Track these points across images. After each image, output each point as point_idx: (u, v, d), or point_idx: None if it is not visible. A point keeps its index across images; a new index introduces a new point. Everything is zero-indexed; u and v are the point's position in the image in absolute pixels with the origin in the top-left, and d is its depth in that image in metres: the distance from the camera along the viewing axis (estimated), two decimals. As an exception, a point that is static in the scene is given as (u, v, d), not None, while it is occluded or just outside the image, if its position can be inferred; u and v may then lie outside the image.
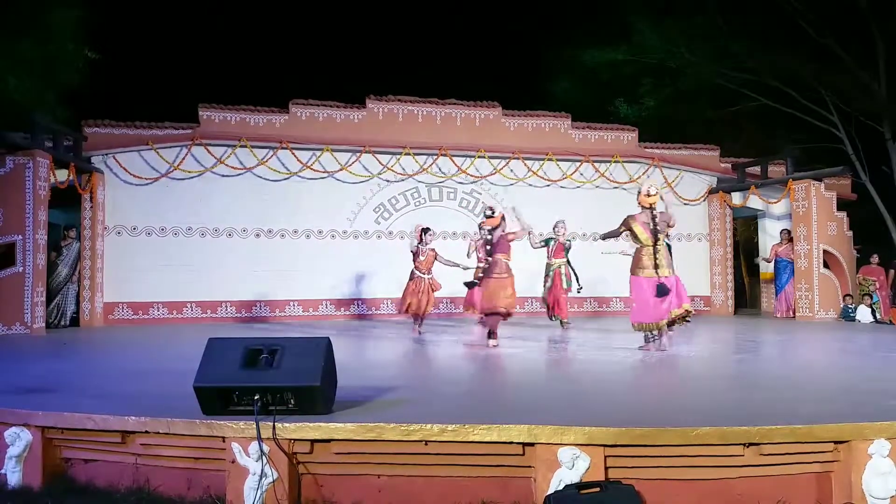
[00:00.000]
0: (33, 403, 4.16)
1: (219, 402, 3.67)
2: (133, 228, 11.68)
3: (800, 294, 12.20)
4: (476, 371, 6.31)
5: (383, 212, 12.75)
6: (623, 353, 7.13)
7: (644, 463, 3.57)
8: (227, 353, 3.75)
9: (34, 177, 9.73)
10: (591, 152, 13.43)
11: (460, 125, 13.06)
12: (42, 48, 12.50)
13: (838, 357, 7.34)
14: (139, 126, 11.78)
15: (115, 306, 11.53)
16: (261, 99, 12.61)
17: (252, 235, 12.15)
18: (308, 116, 12.42)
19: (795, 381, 5.40)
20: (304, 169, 12.20)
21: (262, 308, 12.06)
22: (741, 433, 3.52)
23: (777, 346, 8.48)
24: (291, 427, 3.58)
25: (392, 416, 3.73)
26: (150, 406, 4.00)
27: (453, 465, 3.66)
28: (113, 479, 3.90)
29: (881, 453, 3.55)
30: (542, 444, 3.51)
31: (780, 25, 14.79)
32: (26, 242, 9.68)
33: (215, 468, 3.76)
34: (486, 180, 13.02)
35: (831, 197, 12.32)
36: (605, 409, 4.26)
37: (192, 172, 11.82)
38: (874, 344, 8.20)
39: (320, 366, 3.67)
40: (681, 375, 5.97)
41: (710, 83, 16.11)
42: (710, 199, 14.03)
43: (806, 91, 15.28)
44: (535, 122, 13.45)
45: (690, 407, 4.31)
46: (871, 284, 12.31)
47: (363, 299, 12.47)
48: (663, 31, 15.65)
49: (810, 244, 12.02)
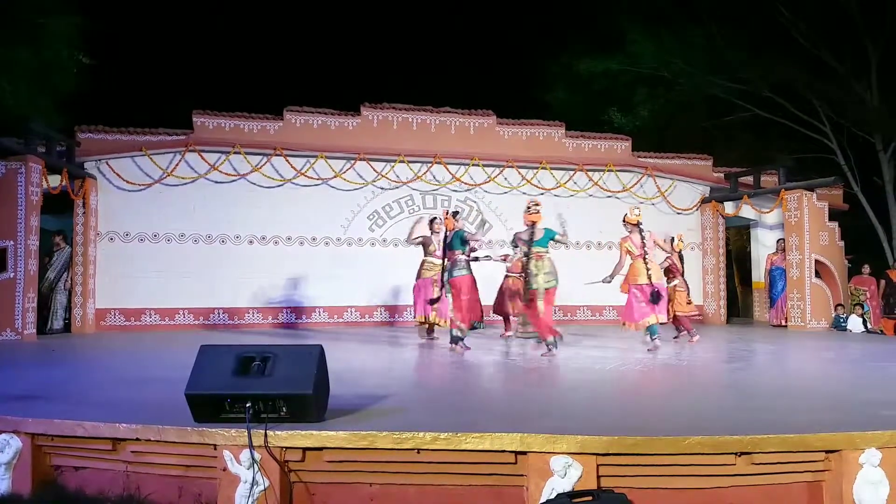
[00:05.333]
0: (23, 410, 4.14)
1: (210, 409, 3.66)
2: (126, 234, 11.65)
3: (792, 303, 12.25)
4: (468, 379, 6.31)
5: (377, 219, 12.75)
6: (615, 361, 7.14)
7: (636, 472, 3.58)
8: (219, 360, 3.74)
9: (26, 182, 9.70)
10: (585, 161, 13.48)
11: (455, 133, 13.09)
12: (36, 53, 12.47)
13: (830, 366, 7.37)
14: (133, 132, 11.76)
15: (107, 313, 11.47)
16: (255, 105, 12.60)
17: (245, 242, 12.12)
18: (302, 123, 12.43)
19: (787, 390, 5.42)
20: (298, 176, 12.20)
21: (254, 315, 12.02)
22: (733, 442, 3.53)
23: (769, 355, 8.51)
24: (283, 435, 3.57)
25: (384, 424, 3.72)
26: (142, 413, 3.99)
27: (446, 474, 3.65)
28: (103, 486, 3.88)
29: (872, 462, 3.57)
30: (535, 452, 3.51)
31: (773, 36, 14.91)
32: (17, 248, 9.64)
33: (206, 476, 3.74)
34: (480, 188, 13.04)
35: (823, 207, 12.40)
36: (598, 417, 4.26)
37: (186, 179, 11.80)
38: (865, 354, 8.23)
39: (312, 374, 3.67)
40: (673, 384, 5.98)
41: (703, 93, 16.20)
42: (703, 209, 14.09)
43: (799, 102, 15.39)
44: (530, 130, 13.50)
45: (682, 416, 4.32)
46: (863, 294, 12.37)
47: (356, 307, 12.45)
48: (658, 41, 15.74)
49: (802, 254, 12.09)
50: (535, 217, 7.59)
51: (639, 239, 8.39)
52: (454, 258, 8.08)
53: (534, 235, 7.48)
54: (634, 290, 8.30)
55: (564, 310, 12.86)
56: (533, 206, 7.69)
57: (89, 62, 13.40)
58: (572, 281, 10.35)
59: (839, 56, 14.60)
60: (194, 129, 11.98)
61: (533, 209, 7.65)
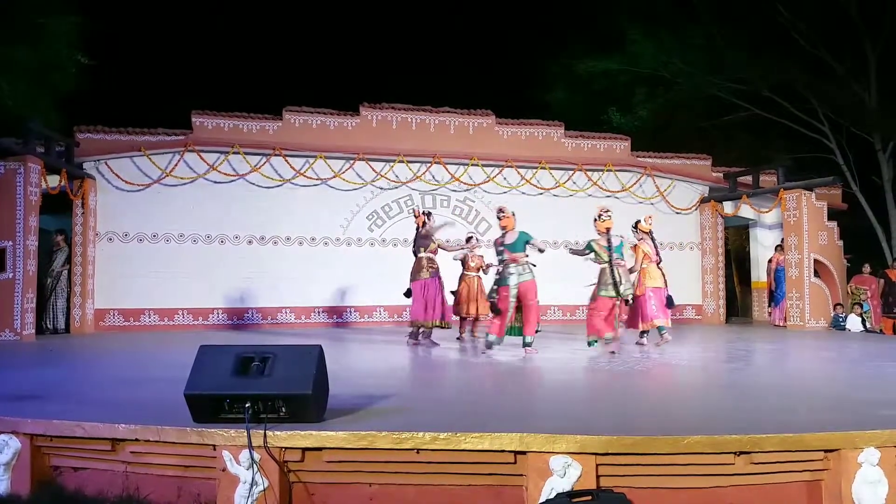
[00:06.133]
0: (22, 411, 4.13)
1: (210, 409, 3.66)
2: (125, 235, 11.64)
3: (791, 303, 12.26)
4: (468, 379, 6.30)
5: (376, 219, 12.76)
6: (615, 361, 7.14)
7: (635, 471, 3.58)
8: (219, 360, 3.73)
9: (25, 182, 9.69)
10: (584, 161, 13.49)
11: (454, 133, 13.09)
12: (36, 53, 12.47)
13: (829, 366, 7.37)
14: (132, 132, 11.75)
15: (106, 313, 11.46)
16: (254, 106, 12.61)
17: (244, 242, 12.12)
18: (301, 123, 12.43)
19: (786, 389, 5.41)
20: (297, 176, 12.20)
21: (253, 315, 12.03)
22: (732, 441, 3.53)
23: (768, 354, 8.51)
24: (283, 435, 3.57)
25: (384, 424, 3.72)
26: (141, 414, 3.98)
27: (445, 474, 3.65)
28: (102, 487, 3.87)
29: (871, 462, 3.57)
30: (534, 452, 3.51)
31: (773, 37, 14.93)
32: (16, 248, 9.64)
33: (206, 476, 3.74)
34: (479, 188, 13.05)
35: (822, 207, 12.41)
36: (597, 417, 4.26)
37: (185, 179, 11.80)
38: (864, 353, 8.23)
39: (312, 374, 3.66)
40: (672, 384, 5.98)
41: (702, 93, 16.22)
42: (702, 209, 14.09)
43: (798, 102, 15.41)
44: (529, 130, 13.50)
45: (682, 415, 4.32)
46: (864, 293, 12.37)
47: (356, 307, 12.45)
48: (657, 41, 15.76)
49: (801, 253, 12.09)
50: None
51: (651, 245, 8.90)
52: (519, 260, 7.64)
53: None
54: (650, 292, 8.71)
55: (567, 309, 12.86)
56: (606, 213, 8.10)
57: (88, 62, 13.40)
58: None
59: (838, 56, 14.62)
60: (193, 129, 11.98)
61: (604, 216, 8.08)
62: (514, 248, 7.61)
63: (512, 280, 7.55)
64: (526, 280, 7.58)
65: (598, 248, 7.96)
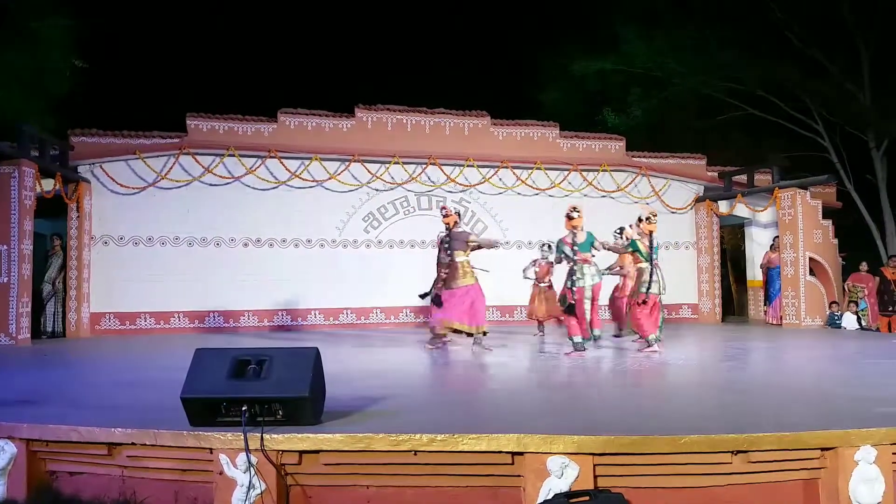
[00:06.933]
0: (18, 415, 4.12)
1: (206, 413, 3.65)
2: (120, 238, 11.61)
3: (786, 301, 12.29)
4: (465, 380, 6.30)
5: (372, 220, 12.74)
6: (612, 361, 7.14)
7: (633, 471, 3.58)
8: (215, 363, 3.72)
9: (20, 186, 9.67)
10: (579, 161, 13.50)
11: (449, 134, 13.09)
12: (30, 57, 12.44)
13: (825, 364, 7.39)
14: (126, 135, 11.71)
15: (101, 316, 11.43)
16: (249, 108, 12.58)
17: (240, 245, 12.09)
18: (297, 125, 12.41)
19: (783, 388, 5.42)
20: (292, 178, 12.18)
21: (250, 318, 12.00)
22: (729, 441, 3.53)
23: (764, 353, 8.52)
24: (280, 438, 3.57)
25: (381, 426, 3.72)
26: (137, 418, 3.97)
27: (443, 475, 3.65)
28: (99, 491, 3.86)
29: (867, 460, 3.58)
30: (532, 453, 3.51)
31: (766, 36, 14.99)
32: (11, 252, 9.60)
33: (203, 480, 3.73)
34: (474, 189, 13.04)
35: (817, 205, 12.44)
36: (594, 417, 4.26)
37: (180, 182, 11.77)
38: (860, 351, 8.26)
39: (309, 376, 3.66)
40: (669, 383, 5.99)
41: (697, 93, 16.26)
42: (698, 208, 14.12)
43: (792, 101, 15.47)
44: (524, 131, 13.51)
45: (678, 415, 4.32)
46: (861, 291, 12.40)
47: (352, 308, 12.43)
48: (651, 41, 15.80)
49: (796, 252, 12.12)
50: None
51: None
52: (590, 261, 7.67)
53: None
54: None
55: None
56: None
57: (82, 65, 13.38)
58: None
59: (831, 55, 14.68)
60: (188, 131, 11.95)
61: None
62: (584, 248, 7.67)
63: (587, 281, 7.61)
64: (598, 282, 7.76)
65: (643, 249, 8.00)
